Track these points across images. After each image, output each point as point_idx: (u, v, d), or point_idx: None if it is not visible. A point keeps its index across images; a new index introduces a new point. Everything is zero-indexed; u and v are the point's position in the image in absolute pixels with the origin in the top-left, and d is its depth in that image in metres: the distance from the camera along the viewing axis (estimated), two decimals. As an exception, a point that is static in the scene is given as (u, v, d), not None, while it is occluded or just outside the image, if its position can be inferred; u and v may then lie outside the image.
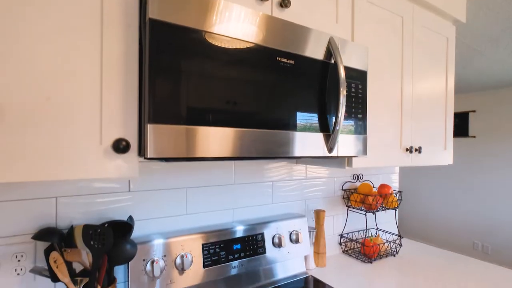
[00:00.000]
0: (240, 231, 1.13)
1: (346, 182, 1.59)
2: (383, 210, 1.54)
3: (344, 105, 0.90)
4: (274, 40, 0.82)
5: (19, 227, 0.83)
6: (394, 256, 1.51)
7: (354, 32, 1.11)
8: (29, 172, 0.56)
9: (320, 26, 1.02)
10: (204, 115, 0.70)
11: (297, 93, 0.86)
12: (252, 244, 1.14)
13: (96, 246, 0.78)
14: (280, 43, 0.83)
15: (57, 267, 0.77)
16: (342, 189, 1.58)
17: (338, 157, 1.09)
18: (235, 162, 1.23)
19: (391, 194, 1.49)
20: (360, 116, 1.02)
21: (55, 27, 0.59)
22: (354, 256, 1.49)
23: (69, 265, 0.81)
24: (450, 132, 1.51)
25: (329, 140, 0.94)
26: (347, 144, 0.99)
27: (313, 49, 0.90)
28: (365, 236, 1.58)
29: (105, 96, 0.64)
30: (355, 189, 1.57)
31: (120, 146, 0.64)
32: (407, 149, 1.29)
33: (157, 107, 0.64)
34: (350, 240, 1.55)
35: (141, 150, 0.67)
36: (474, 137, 4.00)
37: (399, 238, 1.58)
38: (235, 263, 1.09)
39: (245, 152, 0.76)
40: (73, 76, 0.61)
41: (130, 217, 0.93)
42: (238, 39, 0.75)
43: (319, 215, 1.38)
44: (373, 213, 1.56)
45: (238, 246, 1.11)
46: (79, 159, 0.61)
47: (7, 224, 0.81)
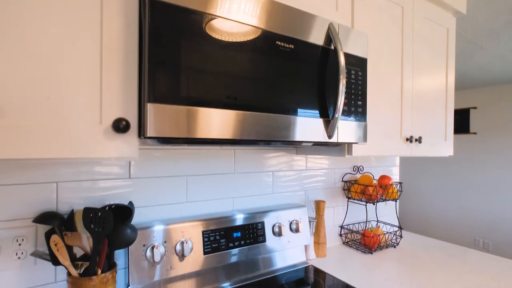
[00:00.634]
0: (240, 219, 1.13)
1: (347, 174, 1.59)
2: (384, 201, 1.53)
3: (344, 92, 0.90)
4: (274, 24, 0.82)
5: (20, 211, 0.83)
6: (395, 247, 1.51)
7: (354, 22, 1.11)
8: (31, 149, 0.57)
9: (320, 13, 1.02)
10: (204, 97, 0.70)
11: (297, 78, 0.86)
12: (252, 232, 1.14)
13: (97, 230, 0.78)
14: (280, 27, 0.83)
15: (58, 250, 0.77)
16: (343, 181, 1.58)
17: (338, 144, 1.09)
18: (236, 151, 1.23)
19: (392, 185, 1.49)
20: (360, 103, 1.02)
21: (56, 3, 0.59)
22: (355, 247, 1.49)
23: (70, 250, 0.81)
24: (451, 123, 1.51)
25: (329, 126, 0.94)
26: (347, 131, 0.99)
27: (313, 35, 0.90)
28: (365, 228, 1.58)
29: (105, 76, 0.64)
30: (356, 181, 1.57)
31: (120, 126, 0.64)
32: (407, 139, 1.29)
33: (157, 88, 0.64)
34: (351, 232, 1.55)
35: (141, 131, 0.67)
36: (475, 134, 3.99)
37: (400, 230, 1.58)
38: (235, 251, 1.09)
39: (246, 135, 0.76)
40: (73, 56, 0.61)
41: (130, 203, 0.94)
42: (239, 22, 0.76)
43: (319, 205, 1.38)
44: (374, 204, 1.56)
45: (238, 234, 1.11)
46: (80, 138, 0.61)
47: (8, 208, 0.81)
